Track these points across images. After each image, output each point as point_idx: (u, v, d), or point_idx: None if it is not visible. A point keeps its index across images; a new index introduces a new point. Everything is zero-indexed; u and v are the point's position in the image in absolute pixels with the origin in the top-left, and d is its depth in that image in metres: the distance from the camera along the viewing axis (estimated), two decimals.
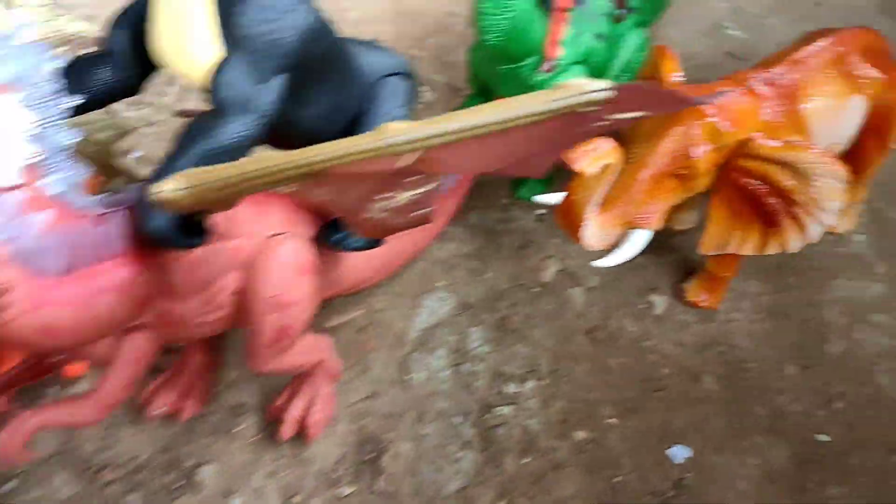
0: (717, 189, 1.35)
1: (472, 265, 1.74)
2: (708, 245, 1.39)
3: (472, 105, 1.91)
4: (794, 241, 1.30)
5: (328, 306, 1.62)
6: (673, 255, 1.76)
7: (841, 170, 1.21)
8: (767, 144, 1.24)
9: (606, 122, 0.76)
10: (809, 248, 1.77)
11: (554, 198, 1.34)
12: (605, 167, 1.17)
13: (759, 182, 1.28)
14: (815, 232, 1.28)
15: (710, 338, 1.62)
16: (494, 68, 1.57)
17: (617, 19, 1.68)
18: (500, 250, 1.77)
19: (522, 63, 1.53)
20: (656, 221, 1.32)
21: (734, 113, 1.28)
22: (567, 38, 1.56)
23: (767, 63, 1.40)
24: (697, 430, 1.48)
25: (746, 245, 1.34)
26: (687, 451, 1.45)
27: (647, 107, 0.76)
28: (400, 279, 1.68)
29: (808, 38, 1.43)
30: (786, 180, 1.24)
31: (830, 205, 1.23)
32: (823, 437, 1.47)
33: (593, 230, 1.27)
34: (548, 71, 1.54)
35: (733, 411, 1.51)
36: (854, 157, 1.55)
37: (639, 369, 1.57)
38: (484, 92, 1.77)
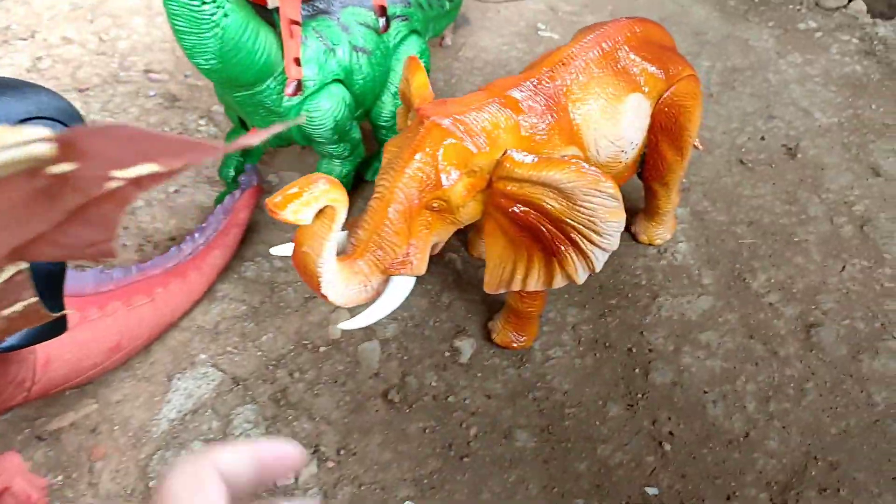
0: (488, 218, 1.11)
1: (245, 328, 1.45)
2: (490, 283, 1.15)
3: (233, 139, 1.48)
4: (580, 272, 1.08)
5: (51, 404, 1.29)
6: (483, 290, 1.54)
7: (608, 185, 0.99)
8: (518, 161, 1.01)
9: (116, 185, 0.47)
10: (632, 263, 1.58)
11: (286, 249, 1.07)
12: (325, 212, 0.90)
13: (526, 208, 1.05)
14: (599, 258, 1.06)
15: (524, 383, 1.40)
16: (231, 95, 1.29)
17: (382, 30, 1.44)
18: (281, 307, 1.49)
19: (261, 87, 1.26)
20: (419, 265, 1.06)
21: (488, 129, 1.03)
22: (311, 53, 1.30)
23: (531, 68, 1.18)
24: (509, 501, 1.24)
25: (531, 279, 1.11)
26: None
27: (152, 156, 0.49)
28: (146, 358, 1.37)
29: (576, 37, 1.23)
30: (551, 203, 1.02)
31: (606, 227, 1.02)
32: (652, 491, 1.26)
33: (336, 286, 1.00)
34: (294, 94, 1.28)
35: (551, 472, 1.28)
36: (652, 161, 1.38)
37: (443, 433, 1.32)
38: (243, 123, 1.50)
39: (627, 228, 1.66)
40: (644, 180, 1.46)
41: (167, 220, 1.62)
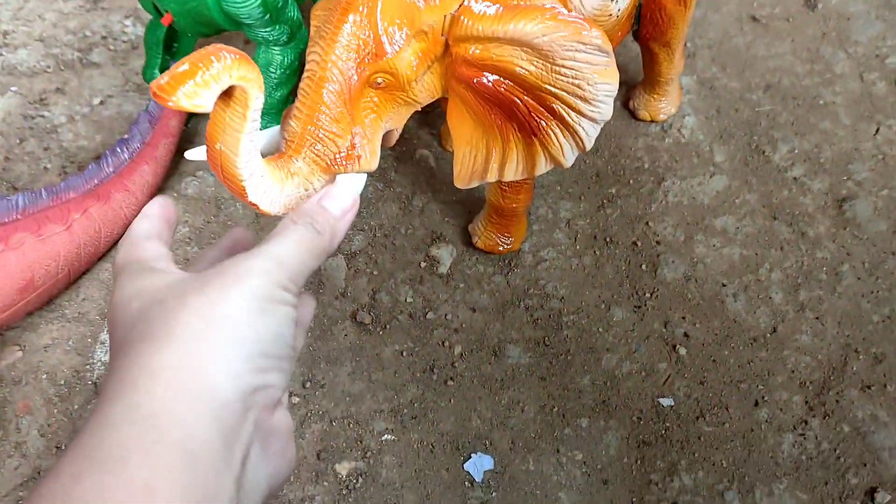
0: (451, 95, 0.88)
1: (188, 253, 1.25)
2: (461, 175, 0.92)
3: (154, 33, 1.26)
4: (567, 152, 0.84)
5: None
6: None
7: (594, 35, 0.75)
8: (478, 14, 0.77)
9: None
10: (632, 144, 1.36)
11: (200, 151, 0.84)
12: (235, 91, 0.67)
13: (495, 77, 0.82)
14: (590, 133, 0.83)
15: (514, 291, 1.21)
16: None
17: None
18: (229, 226, 1.29)
19: None
20: (369, 158, 0.83)
21: None
22: None
23: None
24: (503, 428, 1.08)
25: (509, 167, 0.88)
26: (487, 462, 1.04)
27: None
28: (76, 295, 1.19)
29: None
30: (524, 66, 0.79)
31: (595, 90, 0.78)
32: (667, 402, 1.09)
33: (267, 191, 0.78)
34: None
35: (549, 390, 1.11)
36: (650, 14, 1.13)
37: (423, 355, 1.15)
38: (158, 10, 1.25)
39: (625, 105, 1.43)
40: (641, 40, 1.22)
41: (92, 135, 1.40)
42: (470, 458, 1.04)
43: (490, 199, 1.16)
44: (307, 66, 0.79)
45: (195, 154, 0.83)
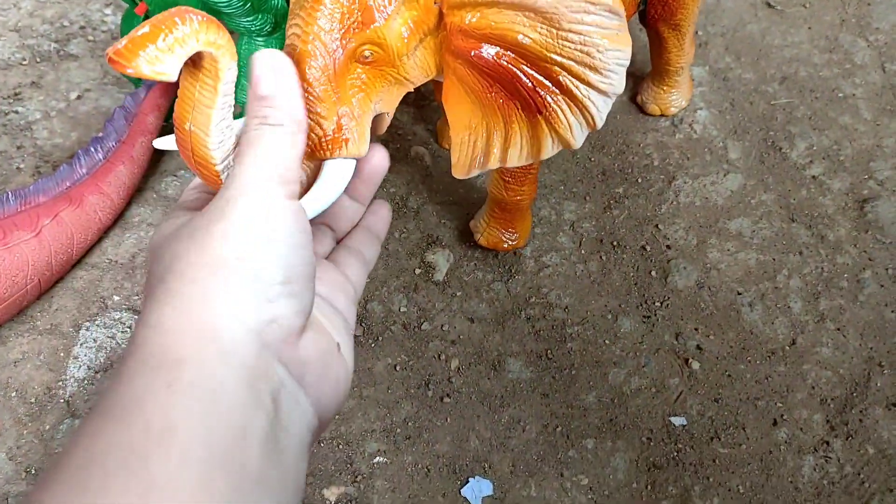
0: (447, 72, 0.79)
1: None
2: (459, 164, 0.81)
3: (130, 24, 1.18)
4: (576, 130, 0.72)
5: None
6: (463, 187, 1.25)
7: None
8: None
9: None
10: (640, 140, 1.28)
11: (169, 140, 0.74)
12: (203, 61, 0.57)
13: (495, 48, 0.72)
14: (601, 108, 0.71)
15: (515, 300, 1.13)
16: None
17: None
18: None
19: None
20: (358, 141, 0.73)
21: None
22: None
23: None
24: (503, 449, 1.01)
25: (513, 151, 0.76)
26: (486, 487, 0.97)
27: None
28: (48, 305, 1.11)
29: None
30: (527, 34, 0.70)
31: (606, 59, 0.68)
32: (679, 421, 1.02)
33: None
34: None
35: (553, 407, 1.04)
36: None
37: (417, 369, 1.08)
38: None
39: (633, 99, 1.35)
40: (648, 24, 1.15)
41: (68, 133, 1.32)
42: (468, 482, 0.98)
43: (492, 193, 1.08)
44: (287, 42, 0.70)
45: (164, 143, 0.73)
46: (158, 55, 0.50)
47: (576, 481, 0.98)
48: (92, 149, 1.15)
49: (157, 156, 1.27)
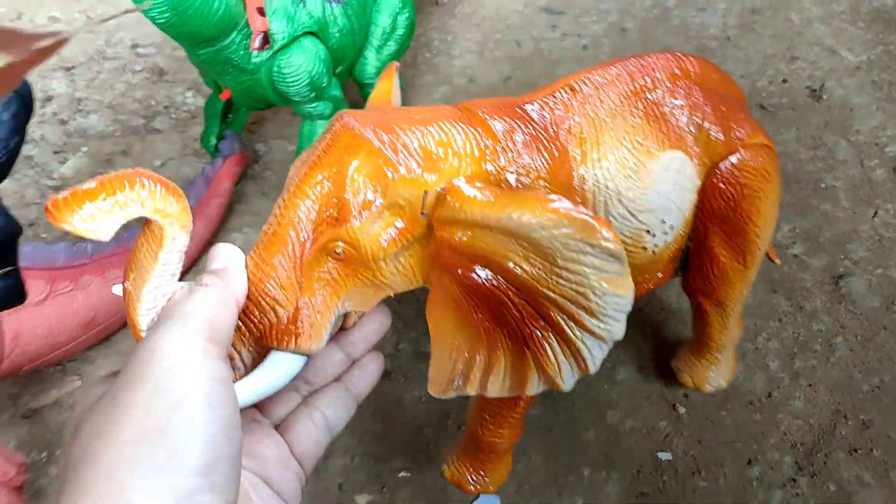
0: (435, 283, 0.70)
1: None
2: (436, 380, 0.73)
3: (213, 106, 1.40)
4: (566, 372, 0.65)
5: (35, 382, 1.25)
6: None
7: (606, 237, 0.59)
8: (468, 196, 0.63)
9: None
10: None
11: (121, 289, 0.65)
12: (152, 226, 0.56)
13: (485, 270, 0.65)
14: (595, 353, 0.65)
15: None
16: (197, 54, 1.22)
17: None
18: None
19: (225, 42, 1.18)
20: (312, 336, 0.66)
21: (430, 150, 0.66)
22: (278, 4, 1.22)
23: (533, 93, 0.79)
24: (511, 472, 1.16)
25: (493, 380, 0.68)
26: (495, 502, 1.12)
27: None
28: (129, 332, 1.32)
29: (601, 65, 0.83)
30: (519, 263, 0.63)
31: (604, 303, 0.62)
32: (665, 456, 1.16)
33: None
34: (260, 48, 1.20)
35: (556, 440, 1.19)
36: (699, 262, 0.91)
37: (440, 403, 1.24)
38: (217, 86, 1.43)
39: (666, 362, 1.20)
40: (688, 292, 0.99)
41: None
42: (478, 497, 1.13)
43: (468, 426, 0.97)
44: (268, 218, 0.67)
45: (119, 290, 0.66)
46: (94, 214, 0.48)
47: (572, 502, 1.12)
48: None
49: (228, 214, 1.49)
